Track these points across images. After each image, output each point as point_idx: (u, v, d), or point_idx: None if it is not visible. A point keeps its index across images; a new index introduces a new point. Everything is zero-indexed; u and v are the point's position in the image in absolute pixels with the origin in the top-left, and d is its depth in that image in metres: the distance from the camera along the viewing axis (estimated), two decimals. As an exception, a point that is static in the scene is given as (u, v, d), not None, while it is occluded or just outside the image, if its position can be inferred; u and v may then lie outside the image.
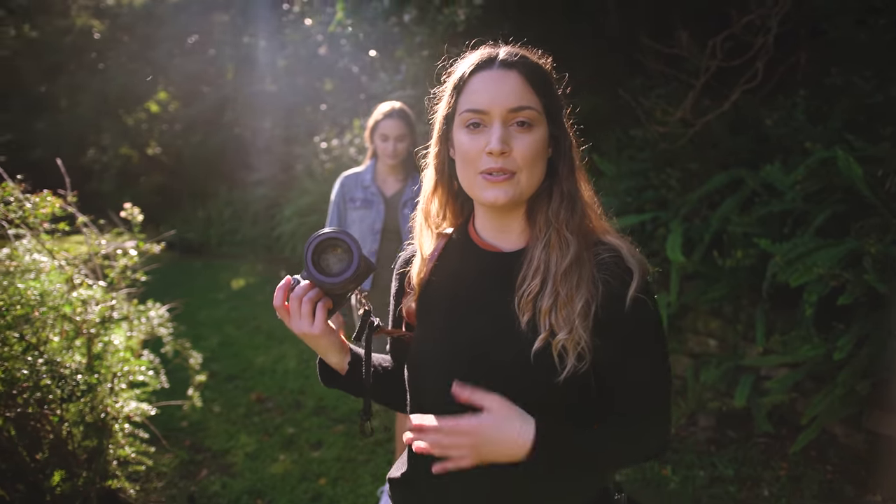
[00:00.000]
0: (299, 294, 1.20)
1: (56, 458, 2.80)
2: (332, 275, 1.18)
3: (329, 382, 1.36)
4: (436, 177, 1.30)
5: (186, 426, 4.31)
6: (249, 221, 11.11)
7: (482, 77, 1.18)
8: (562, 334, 1.12)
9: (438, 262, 1.32)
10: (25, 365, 2.55)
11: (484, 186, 1.16)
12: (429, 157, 1.31)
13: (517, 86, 1.16)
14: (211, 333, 6.53)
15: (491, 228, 1.26)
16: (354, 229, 3.36)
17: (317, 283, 1.19)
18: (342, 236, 1.17)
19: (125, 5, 13.88)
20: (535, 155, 1.17)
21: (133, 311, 3.30)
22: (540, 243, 1.19)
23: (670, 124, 3.98)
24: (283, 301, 1.22)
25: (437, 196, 1.31)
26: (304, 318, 1.21)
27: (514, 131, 1.15)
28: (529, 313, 1.16)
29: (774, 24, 3.44)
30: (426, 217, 1.32)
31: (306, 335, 1.23)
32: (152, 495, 3.45)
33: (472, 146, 1.16)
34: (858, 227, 3.06)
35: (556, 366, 1.12)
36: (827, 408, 2.99)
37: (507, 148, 1.14)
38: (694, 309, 4.06)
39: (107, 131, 13.58)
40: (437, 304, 1.29)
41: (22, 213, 2.70)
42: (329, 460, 3.76)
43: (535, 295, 1.16)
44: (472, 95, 1.17)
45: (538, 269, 1.17)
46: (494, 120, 1.15)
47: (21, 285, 2.63)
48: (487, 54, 1.20)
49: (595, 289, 1.15)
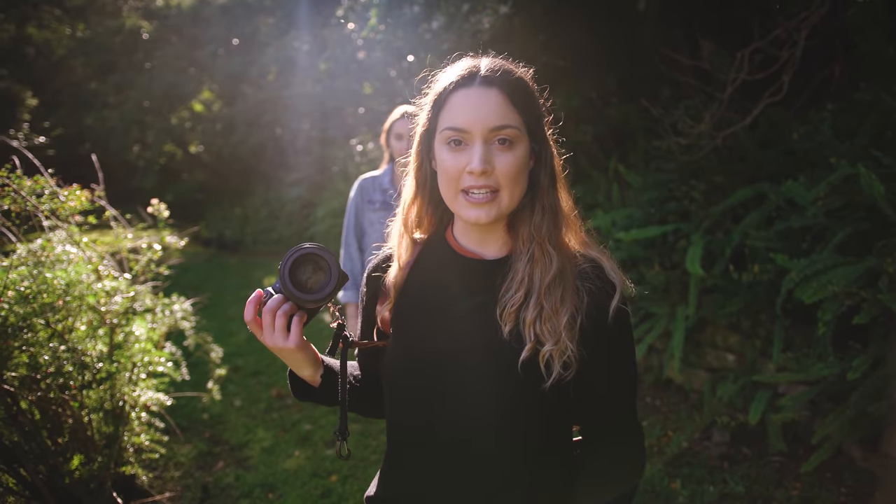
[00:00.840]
0: (273, 307, 1.17)
1: (75, 443, 2.91)
2: (308, 290, 1.16)
3: (302, 396, 1.33)
4: (415, 188, 1.30)
5: (207, 419, 4.42)
6: (285, 220, 11.32)
7: (463, 95, 1.16)
8: (548, 345, 1.13)
9: (414, 268, 1.32)
10: (49, 351, 2.67)
11: (466, 206, 1.17)
12: (409, 168, 1.32)
13: (498, 104, 1.15)
14: (239, 329, 6.68)
15: (471, 238, 1.27)
16: (373, 231, 3.42)
17: (294, 298, 1.17)
18: (320, 252, 1.16)
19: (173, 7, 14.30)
20: (517, 172, 1.17)
21: (157, 304, 3.42)
22: (524, 256, 1.20)
23: (693, 136, 3.95)
24: (254, 315, 1.18)
25: (415, 206, 1.32)
26: (278, 333, 1.17)
27: (495, 149, 1.15)
28: (512, 323, 1.17)
29: (801, 38, 3.39)
30: (405, 225, 1.33)
31: (282, 349, 1.19)
32: (168, 484, 3.56)
33: (454, 164, 1.16)
34: (881, 245, 3.00)
35: (542, 374, 1.14)
36: (839, 428, 2.93)
37: (488, 167, 1.14)
38: (713, 323, 4.02)
39: (151, 129, 13.98)
40: (414, 311, 1.30)
41: (52, 206, 2.82)
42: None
43: (519, 306, 1.17)
44: (453, 113, 1.16)
45: (522, 282, 1.18)
46: (476, 139, 1.14)
47: (49, 275, 2.75)
48: (468, 70, 1.18)
49: (580, 300, 1.17)
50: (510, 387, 1.15)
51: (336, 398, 1.29)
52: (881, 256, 2.90)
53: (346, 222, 3.48)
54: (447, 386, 1.19)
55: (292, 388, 1.33)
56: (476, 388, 1.17)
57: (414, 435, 1.25)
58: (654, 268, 4.08)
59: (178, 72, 13.44)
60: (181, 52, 13.64)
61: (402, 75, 8.99)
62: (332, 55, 10.64)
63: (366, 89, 10.27)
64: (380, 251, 1.42)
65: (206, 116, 14.36)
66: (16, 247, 2.85)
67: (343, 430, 1.30)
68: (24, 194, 2.73)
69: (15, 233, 2.91)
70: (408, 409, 1.26)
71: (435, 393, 1.21)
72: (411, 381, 1.25)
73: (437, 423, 1.20)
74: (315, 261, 1.17)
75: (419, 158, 1.28)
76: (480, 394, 1.17)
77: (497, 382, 1.16)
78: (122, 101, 13.94)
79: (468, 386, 1.18)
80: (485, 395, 1.17)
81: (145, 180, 13.86)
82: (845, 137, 3.66)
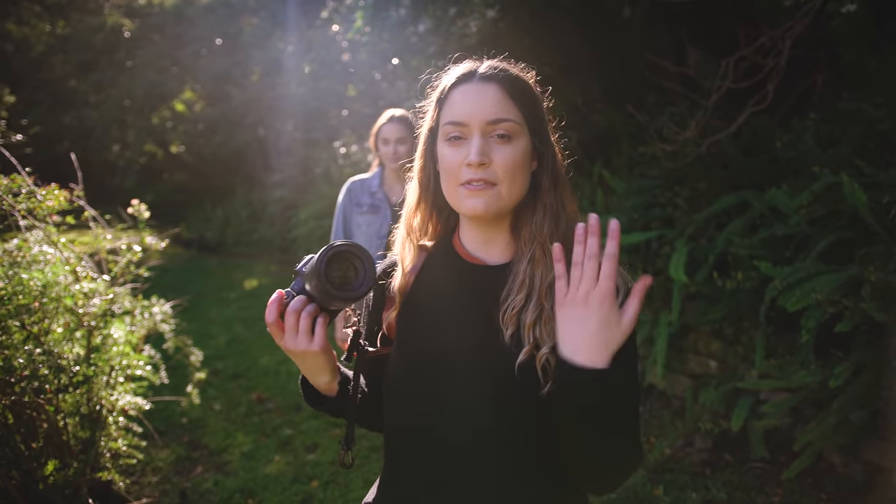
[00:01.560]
0: (297, 308, 1.13)
1: (50, 448, 2.85)
2: (341, 288, 1.12)
3: (317, 405, 1.29)
4: (419, 191, 1.30)
5: (186, 423, 4.36)
6: (266, 222, 11.24)
7: (462, 90, 1.18)
8: (545, 348, 1.11)
9: (420, 274, 1.31)
10: (24, 354, 2.60)
11: (464, 196, 1.17)
12: (413, 171, 1.31)
13: (496, 98, 1.16)
14: (220, 331, 6.60)
15: (476, 241, 1.26)
16: (360, 233, 3.40)
17: (328, 297, 1.11)
18: (354, 249, 1.13)
19: (156, 5, 14.16)
20: (516, 166, 1.16)
21: (136, 306, 3.36)
22: (525, 258, 1.19)
23: (678, 143, 3.97)
24: (277, 316, 1.14)
25: (420, 210, 1.31)
26: (302, 335, 1.13)
27: (493, 143, 1.15)
28: (513, 327, 1.15)
29: (786, 48, 3.41)
30: (408, 231, 1.31)
31: (304, 353, 1.15)
32: (146, 489, 3.50)
33: (454, 159, 1.17)
34: (862, 253, 3.02)
35: (539, 379, 1.11)
36: (820, 435, 2.95)
37: (486, 159, 1.14)
38: (695, 329, 4.03)
39: (132, 128, 13.82)
40: (419, 317, 1.28)
41: (29, 205, 2.75)
42: (323, 463, 3.78)
43: (520, 309, 1.16)
44: (453, 108, 1.18)
45: (523, 284, 1.17)
46: (474, 132, 1.15)
47: (25, 276, 2.69)
48: (468, 68, 1.21)
49: None
50: (509, 391, 1.13)
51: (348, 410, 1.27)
52: (863, 265, 2.93)
53: (335, 225, 3.47)
54: (448, 392, 1.18)
55: (306, 396, 1.29)
56: (476, 393, 1.16)
57: (413, 440, 1.23)
58: (638, 273, 4.09)
59: (161, 71, 13.29)
60: (164, 51, 13.48)
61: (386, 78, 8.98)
62: (316, 57, 10.60)
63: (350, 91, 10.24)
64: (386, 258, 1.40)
65: (188, 116, 14.22)
66: (-9, 247, 2.79)
67: (350, 440, 1.28)
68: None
69: (-10, 233, 2.84)
70: (407, 414, 1.24)
71: (435, 398, 1.19)
72: (412, 386, 1.23)
73: (437, 428, 1.18)
74: (347, 258, 1.14)
75: (423, 159, 1.28)
76: (480, 399, 1.15)
77: (497, 387, 1.15)
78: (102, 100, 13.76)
79: (468, 391, 1.16)
80: (485, 400, 1.15)
81: (125, 180, 13.68)
82: (828, 147, 3.70)
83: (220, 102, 12.88)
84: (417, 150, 1.29)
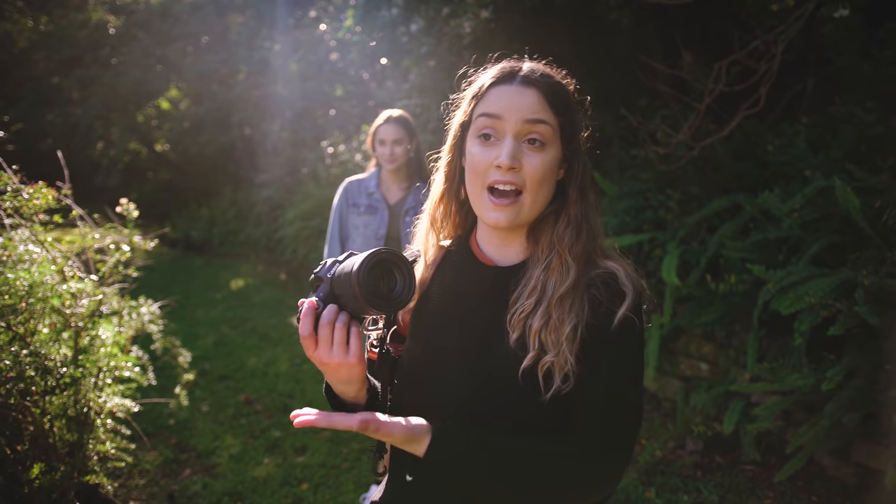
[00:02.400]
0: (331, 318, 1.08)
1: (36, 451, 2.79)
2: (383, 297, 1.07)
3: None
4: (445, 184, 1.29)
5: (174, 424, 4.30)
6: (253, 222, 11.14)
7: (501, 90, 1.17)
8: (549, 356, 1.10)
9: (437, 273, 1.31)
10: (9, 355, 2.55)
11: (489, 207, 1.15)
12: (440, 163, 1.30)
13: (535, 101, 1.14)
14: (206, 332, 6.53)
15: (492, 243, 1.25)
16: (358, 235, 3.37)
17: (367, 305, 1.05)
18: (395, 256, 1.08)
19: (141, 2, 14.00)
20: (545, 175, 1.15)
21: (124, 307, 3.30)
22: (540, 264, 1.18)
23: (671, 146, 3.97)
24: (312, 329, 1.08)
25: (443, 204, 1.30)
26: (337, 347, 1.08)
27: (525, 148, 1.14)
28: (519, 331, 1.14)
29: (778, 52, 3.43)
30: (432, 223, 1.31)
31: (341, 364, 1.10)
32: (133, 492, 3.44)
33: (483, 157, 1.15)
34: (855, 257, 3.04)
35: (540, 385, 1.10)
36: (813, 438, 2.96)
37: (516, 164, 1.12)
38: (687, 332, 4.04)
39: (116, 126, 13.66)
40: (431, 313, 1.27)
41: (15, 204, 2.70)
42: (313, 466, 3.74)
43: (528, 314, 1.15)
44: (489, 103, 1.17)
45: (534, 290, 1.16)
46: (507, 131, 1.14)
47: (10, 275, 2.63)
48: (510, 68, 1.19)
49: (582, 309, 1.14)
50: (512, 395, 1.12)
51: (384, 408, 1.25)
52: (855, 268, 2.94)
53: (331, 226, 3.44)
54: (454, 390, 1.17)
55: (333, 408, 1.25)
56: (481, 395, 1.15)
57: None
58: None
59: (146, 69, 13.12)
60: (149, 48, 13.32)
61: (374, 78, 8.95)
62: (303, 56, 10.53)
63: (337, 91, 10.19)
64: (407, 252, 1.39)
65: (174, 115, 14.08)
66: (-25, 245, 2.72)
67: (381, 447, 1.26)
68: (-15, 191, 2.61)
69: (-25, 231, 2.78)
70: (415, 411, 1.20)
71: (442, 398, 1.18)
72: (421, 384, 1.22)
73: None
74: (388, 266, 1.09)
75: (452, 153, 1.27)
76: (485, 401, 1.14)
77: (499, 389, 1.14)
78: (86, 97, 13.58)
79: (474, 392, 1.15)
80: (489, 402, 1.14)
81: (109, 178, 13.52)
82: (819, 151, 3.72)
83: (205, 101, 12.76)
84: (446, 144, 1.28)
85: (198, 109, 13.05)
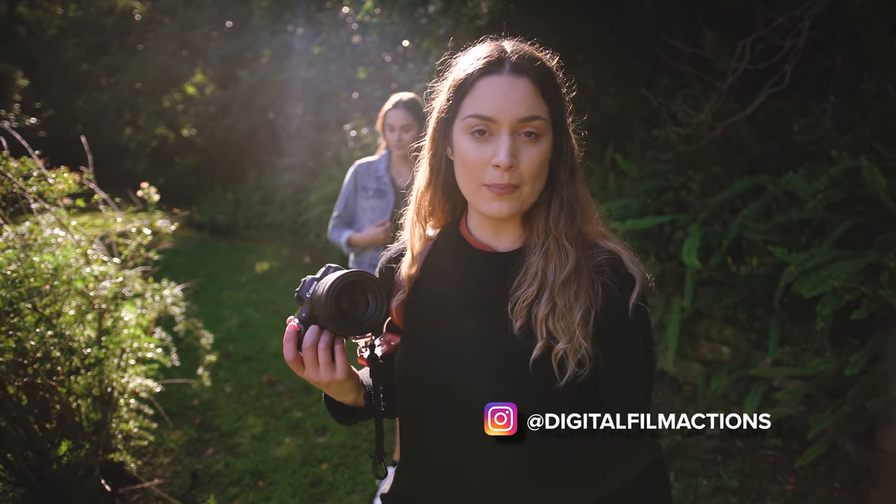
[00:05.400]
0: (313, 342, 1.11)
1: (63, 429, 2.87)
2: (354, 320, 1.10)
3: (348, 420, 1.30)
4: (430, 175, 1.24)
5: (198, 405, 4.38)
6: (277, 206, 11.24)
7: (491, 83, 1.11)
8: (562, 343, 1.09)
9: (427, 260, 1.29)
10: (36, 336, 2.61)
11: (489, 198, 1.12)
12: (423, 153, 1.26)
13: (528, 94, 1.10)
14: (231, 315, 6.62)
15: (485, 229, 1.23)
16: (366, 218, 3.38)
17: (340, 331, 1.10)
18: (363, 278, 1.10)
19: (166, -12, 14.09)
20: (541, 166, 1.13)
21: (147, 289, 3.36)
22: (538, 250, 1.16)
23: (693, 126, 3.90)
24: (296, 353, 1.12)
25: (429, 194, 1.26)
26: (323, 367, 1.11)
27: (521, 142, 1.10)
28: (523, 319, 1.13)
29: (805, 27, 3.34)
30: (417, 214, 1.28)
31: (331, 383, 1.13)
32: (157, 470, 3.52)
33: (477, 155, 1.11)
34: (882, 240, 2.97)
35: (554, 372, 1.09)
36: (835, 424, 2.92)
37: (515, 161, 1.09)
38: (708, 315, 3.99)
39: (143, 111, 13.82)
40: (426, 304, 1.26)
41: (39, 188, 2.75)
42: (333, 446, 3.79)
43: (531, 301, 1.13)
44: (480, 101, 1.11)
45: (535, 277, 1.14)
46: (503, 129, 1.09)
47: (36, 258, 2.69)
48: (496, 55, 1.13)
49: (595, 294, 1.12)
50: (521, 384, 1.11)
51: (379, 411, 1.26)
52: (882, 251, 2.88)
53: (338, 206, 3.43)
54: (458, 380, 1.16)
55: (335, 414, 1.28)
56: (486, 384, 1.13)
57: (426, 429, 1.22)
58: (650, 259, 4.05)
59: (171, 54, 13.26)
60: (174, 34, 13.44)
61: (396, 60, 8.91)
62: (326, 39, 10.52)
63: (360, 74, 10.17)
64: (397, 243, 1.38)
65: (199, 99, 14.20)
66: (3, 229, 2.79)
67: (380, 452, 1.26)
68: (10, 176, 2.67)
69: (1, 215, 2.84)
70: (419, 404, 1.23)
71: (445, 388, 1.17)
72: (421, 375, 1.21)
73: (449, 419, 1.17)
74: (356, 287, 1.10)
75: (434, 145, 1.22)
76: (490, 390, 1.13)
77: (503, 376, 1.13)
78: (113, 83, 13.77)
79: (479, 381, 1.14)
80: (495, 391, 1.12)
81: (136, 163, 13.71)
82: (847, 130, 3.63)
83: (230, 85, 12.85)
84: (428, 133, 1.24)
85: (223, 94, 13.14)
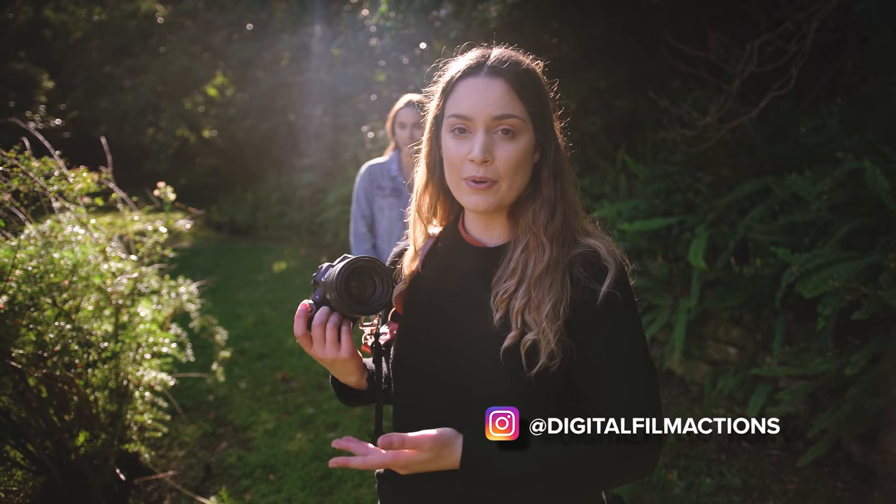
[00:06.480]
0: (322, 321, 1.19)
1: (80, 420, 2.97)
2: (362, 301, 1.19)
3: (351, 401, 1.38)
4: (427, 174, 1.32)
5: (213, 400, 4.49)
6: (296, 206, 11.38)
7: (469, 83, 1.19)
8: (530, 334, 1.15)
9: (429, 256, 1.36)
10: (55, 330, 2.72)
11: (467, 192, 1.20)
12: (420, 155, 1.34)
13: (502, 94, 1.16)
14: (247, 313, 6.74)
15: (477, 225, 1.30)
16: (383, 217, 3.45)
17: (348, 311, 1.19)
18: (370, 263, 1.19)
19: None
20: (518, 163, 1.19)
21: (163, 286, 3.47)
22: (520, 245, 1.22)
23: (700, 128, 3.93)
24: (304, 329, 1.20)
25: (428, 192, 1.34)
26: (329, 345, 1.19)
27: (498, 139, 1.17)
28: (503, 311, 1.19)
29: (811, 31, 3.36)
30: (419, 211, 1.36)
31: (335, 360, 1.22)
32: (172, 462, 3.62)
33: (457, 151, 1.18)
34: (884, 241, 2.99)
35: (523, 363, 1.15)
36: (836, 423, 2.93)
37: (489, 157, 1.16)
38: (715, 316, 4.01)
39: (165, 112, 14.05)
40: (422, 297, 1.33)
41: (59, 187, 2.86)
42: (343, 441, 3.86)
43: (510, 294, 1.19)
44: (458, 101, 1.19)
45: (515, 271, 1.20)
46: (478, 127, 1.16)
47: (56, 255, 2.80)
48: (477, 59, 1.20)
49: (564, 288, 1.17)
50: (496, 374, 1.17)
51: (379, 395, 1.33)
52: (884, 252, 2.89)
53: (355, 209, 3.50)
54: (447, 371, 1.22)
55: (341, 395, 1.37)
56: (469, 375, 1.20)
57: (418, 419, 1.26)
58: (658, 259, 4.07)
59: (193, 56, 13.48)
60: (195, 36, 13.67)
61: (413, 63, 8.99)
62: (344, 42, 10.63)
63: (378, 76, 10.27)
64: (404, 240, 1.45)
65: (220, 101, 14.41)
66: (25, 227, 2.90)
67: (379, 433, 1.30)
68: (32, 175, 2.78)
69: (23, 213, 2.96)
70: (411, 393, 1.30)
71: (436, 378, 1.23)
72: (414, 366, 1.28)
73: (438, 407, 1.24)
74: (366, 272, 1.20)
75: (430, 145, 1.30)
76: (473, 380, 1.19)
77: (486, 369, 1.18)
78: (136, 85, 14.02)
79: (463, 372, 1.20)
80: (477, 381, 1.19)
81: (158, 164, 13.94)
82: (853, 132, 3.63)
83: (250, 87, 13.03)
84: (424, 135, 1.32)
85: (243, 96, 13.33)
